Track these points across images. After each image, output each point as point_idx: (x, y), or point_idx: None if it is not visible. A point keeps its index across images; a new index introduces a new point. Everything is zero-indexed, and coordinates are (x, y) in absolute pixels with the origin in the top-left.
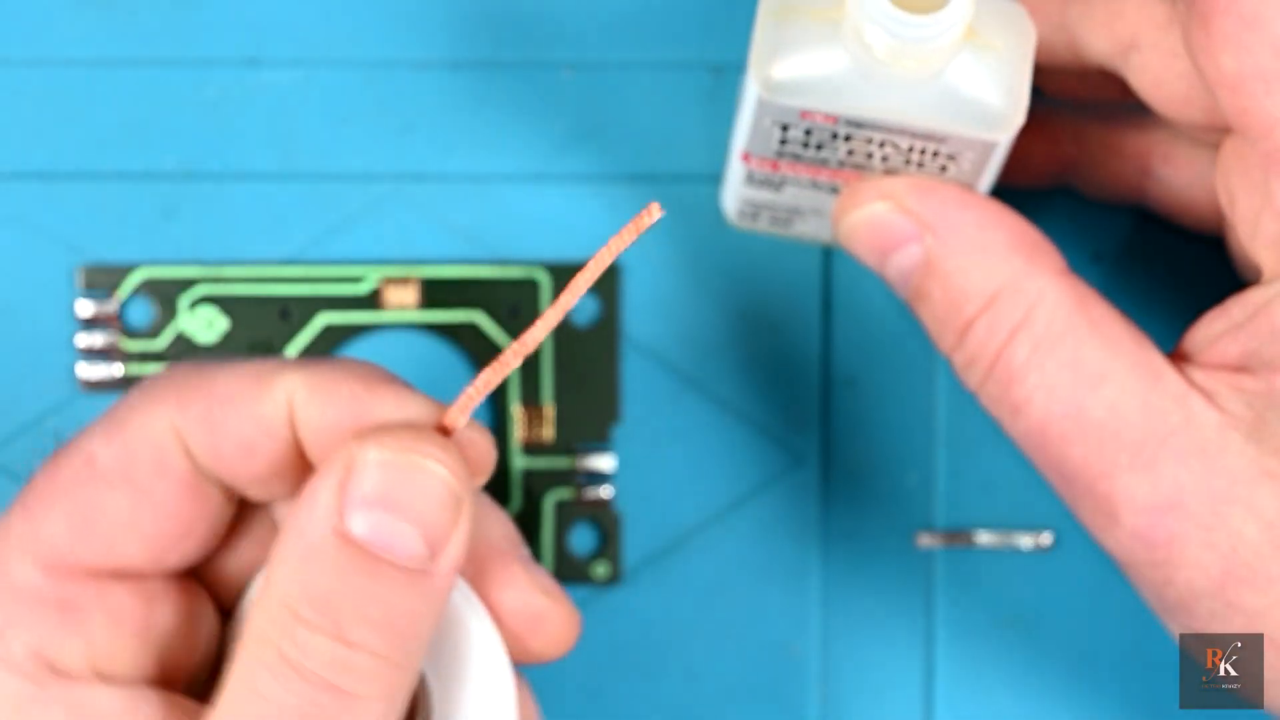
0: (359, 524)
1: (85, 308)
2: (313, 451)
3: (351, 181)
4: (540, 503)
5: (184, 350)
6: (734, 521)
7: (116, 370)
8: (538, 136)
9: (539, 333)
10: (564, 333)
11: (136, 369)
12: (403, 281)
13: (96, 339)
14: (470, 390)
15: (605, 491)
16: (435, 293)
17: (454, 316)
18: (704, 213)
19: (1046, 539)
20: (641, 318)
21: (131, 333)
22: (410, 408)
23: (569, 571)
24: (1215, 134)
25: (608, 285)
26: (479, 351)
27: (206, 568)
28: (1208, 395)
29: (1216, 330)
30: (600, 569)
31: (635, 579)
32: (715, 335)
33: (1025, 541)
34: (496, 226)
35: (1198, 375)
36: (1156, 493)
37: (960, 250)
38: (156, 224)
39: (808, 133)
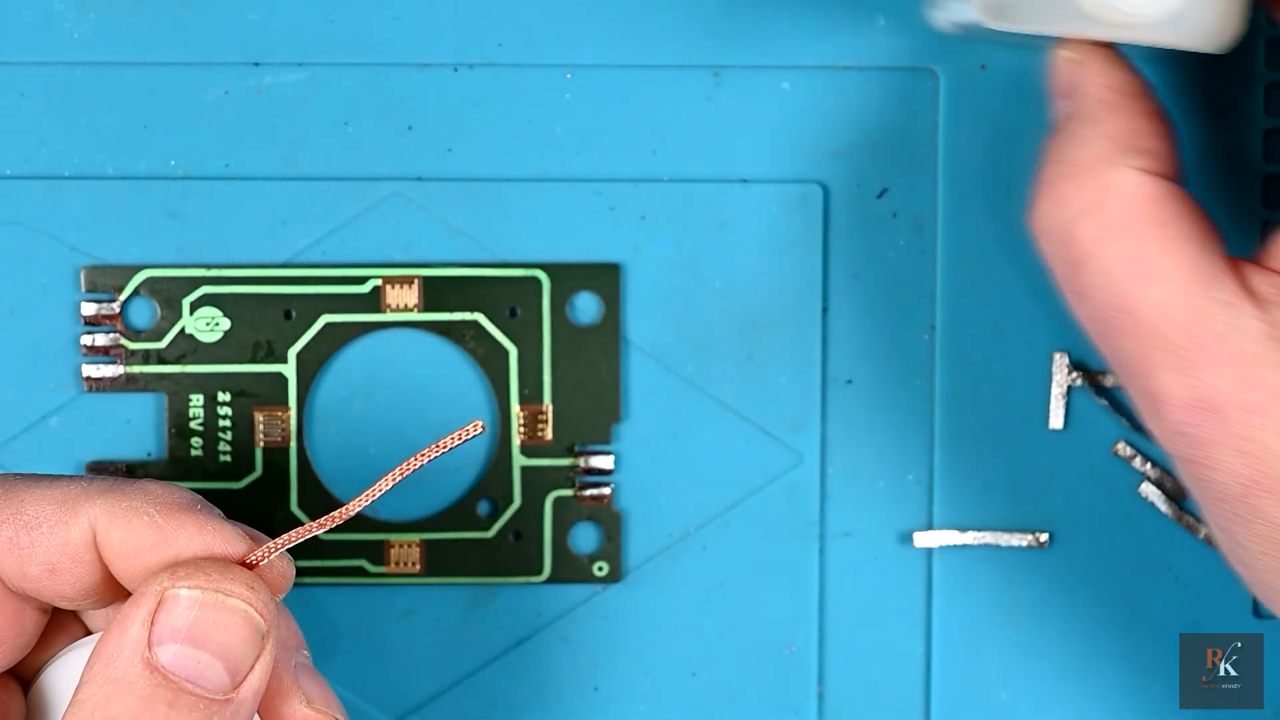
0: (166, 655)
1: (89, 308)
2: (118, 573)
3: (353, 182)
4: (541, 502)
5: (187, 350)
6: (734, 521)
7: (119, 370)
8: (538, 137)
9: (353, 508)
10: (564, 332)
11: (139, 369)
12: (404, 282)
13: (100, 339)
14: (277, 541)
15: (606, 491)
16: (436, 293)
17: (455, 316)
18: (704, 213)
19: (1044, 538)
20: (641, 318)
21: (134, 333)
22: (210, 537)
23: (569, 571)
24: None
25: (608, 285)
26: (479, 351)
27: (21, 663)
28: (1261, 302)
29: None
30: (601, 568)
31: (635, 578)
32: (715, 335)
33: (1023, 541)
34: (496, 227)
35: (1259, 278)
36: (1193, 396)
37: (1077, 119)
38: (159, 225)
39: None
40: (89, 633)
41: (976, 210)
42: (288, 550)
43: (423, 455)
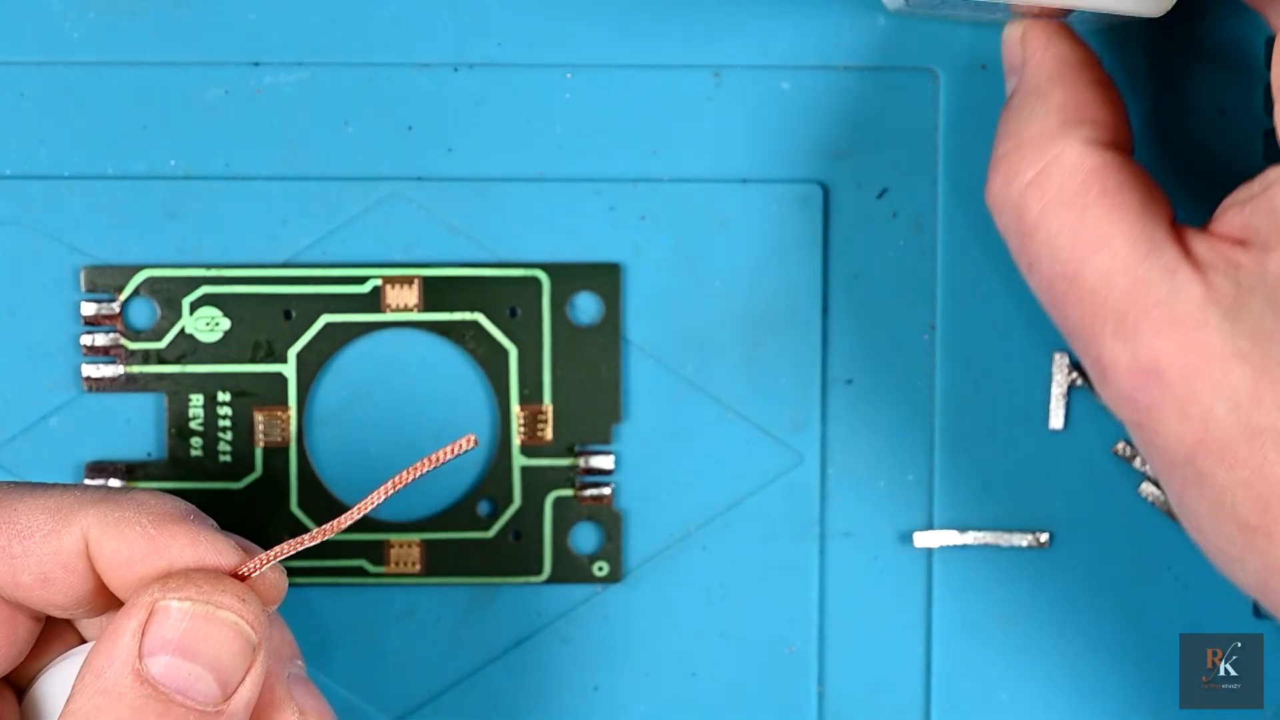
0: (156, 666)
1: (89, 308)
2: (110, 582)
3: (353, 182)
4: (541, 502)
5: (187, 350)
6: (734, 521)
7: (119, 370)
8: (538, 137)
9: (345, 522)
10: (564, 332)
11: (139, 369)
12: (404, 282)
13: (100, 339)
14: (269, 553)
15: (606, 491)
16: (436, 293)
17: (455, 316)
18: (704, 213)
19: (1044, 538)
20: (641, 318)
21: (134, 333)
22: (202, 548)
23: (569, 571)
24: None
25: (608, 285)
26: (479, 351)
27: (15, 670)
28: (1202, 267)
29: (1236, 199)
30: (601, 568)
31: (635, 578)
32: (715, 335)
33: (1023, 541)
34: (496, 227)
35: (1203, 244)
36: (1136, 361)
37: (1024, 93)
38: (159, 225)
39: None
40: (83, 641)
41: (976, 210)
42: (280, 561)
43: (414, 469)
